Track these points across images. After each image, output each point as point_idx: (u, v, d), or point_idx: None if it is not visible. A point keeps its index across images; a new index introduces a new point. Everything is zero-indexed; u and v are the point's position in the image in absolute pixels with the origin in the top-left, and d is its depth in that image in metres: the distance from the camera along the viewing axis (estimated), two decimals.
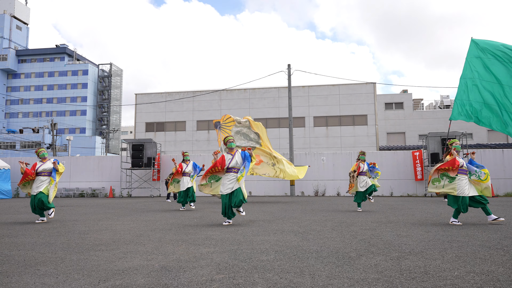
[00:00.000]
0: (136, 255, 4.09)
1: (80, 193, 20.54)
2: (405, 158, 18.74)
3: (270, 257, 3.89)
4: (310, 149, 29.92)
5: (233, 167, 6.87)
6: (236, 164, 6.89)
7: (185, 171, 10.54)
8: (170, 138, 32.10)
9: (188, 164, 10.62)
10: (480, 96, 8.99)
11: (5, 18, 61.44)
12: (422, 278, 3.04)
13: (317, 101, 30.83)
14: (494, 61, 8.90)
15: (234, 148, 7.03)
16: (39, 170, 7.75)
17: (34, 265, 3.65)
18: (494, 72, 8.82)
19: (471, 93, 9.09)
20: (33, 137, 52.31)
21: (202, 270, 3.37)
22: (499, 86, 8.70)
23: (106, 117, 63.37)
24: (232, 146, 7.01)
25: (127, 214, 9.33)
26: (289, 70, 20.67)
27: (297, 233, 5.61)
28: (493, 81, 8.81)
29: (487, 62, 8.99)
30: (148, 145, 20.02)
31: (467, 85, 9.15)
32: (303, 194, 19.39)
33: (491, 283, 2.88)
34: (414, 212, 9.13)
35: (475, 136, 35.31)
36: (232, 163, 6.86)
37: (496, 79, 8.78)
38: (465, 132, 18.48)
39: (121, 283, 2.99)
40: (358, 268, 3.40)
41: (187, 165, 10.60)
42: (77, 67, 62.38)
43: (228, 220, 6.90)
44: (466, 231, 5.63)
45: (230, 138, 7.12)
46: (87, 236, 5.50)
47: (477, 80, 9.03)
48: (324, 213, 9.08)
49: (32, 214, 9.07)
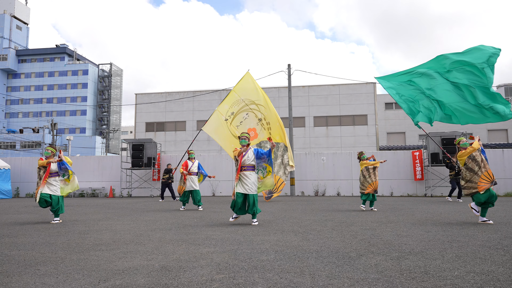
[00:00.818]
0: (136, 255, 4.09)
1: (80, 193, 20.54)
2: (405, 158, 18.73)
3: (270, 257, 3.89)
4: (310, 149, 29.93)
5: (244, 163, 6.72)
6: (247, 160, 6.74)
7: (191, 169, 10.43)
8: (170, 138, 32.09)
9: (193, 163, 10.52)
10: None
11: (5, 18, 61.46)
12: (422, 278, 3.04)
13: (317, 101, 30.83)
14: (401, 86, 10.30)
15: (245, 146, 6.86)
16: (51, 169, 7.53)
17: (34, 265, 3.65)
18: (407, 89, 10.20)
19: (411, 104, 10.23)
20: (33, 137, 52.32)
21: (202, 270, 3.37)
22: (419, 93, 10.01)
23: (106, 117, 63.39)
24: (244, 143, 6.85)
25: (127, 214, 9.33)
26: (289, 70, 20.66)
27: (297, 233, 5.61)
28: (410, 94, 10.11)
29: (398, 87, 10.35)
30: (148, 145, 20.02)
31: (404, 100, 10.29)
32: (303, 194, 19.39)
33: (491, 283, 2.88)
34: (414, 212, 9.13)
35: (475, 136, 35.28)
36: (243, 160, 6.75)
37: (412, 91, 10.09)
38: (465, 132, 18.48)
39: (121, 283, 2.99)
40: (358, 268, 3.40)
41: (193, 164, 10.50)
42: (77, 67, 62.41)
43: (235, 215, 6.91)
44: (466, 231, 5.63)
45: (244, 134, 6.96)
46: (87, 236, 5.50)
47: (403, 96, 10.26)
48: (324, 213, 9.08)
49: (32, 214, 9.07)
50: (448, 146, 16.95)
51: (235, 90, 12.05)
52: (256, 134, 11.70)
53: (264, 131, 11.60)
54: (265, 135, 11.56)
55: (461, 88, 9.40)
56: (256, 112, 11.69)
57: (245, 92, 11.89)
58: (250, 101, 11.80)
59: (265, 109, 11.60)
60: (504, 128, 34.27)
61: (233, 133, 11.58)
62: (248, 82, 12.01)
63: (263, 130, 11.63)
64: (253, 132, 11.67)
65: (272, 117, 11.52)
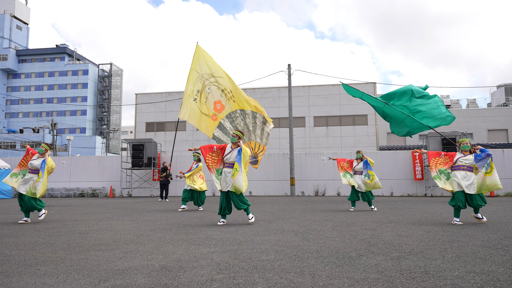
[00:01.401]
0: (136, 255, 4.09)
1: (80, 193, 20.54)
2: (405, 158, 18.74)
3: (270, 257, 3.89)
4: (310, 149, 29.92)
5: (227, 160, 6.80)
6: (230, 157, 6.80)
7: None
8: (171, 138, 32.08)
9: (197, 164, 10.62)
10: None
11: (5, 18, 61.48)
12: (422, 278, 3.04)
13: (317, 101, 30.83)
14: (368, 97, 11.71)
15: (236, 143, 6.90)
16: (30, 162, 7.49)
17: (34, 265, 3.65)
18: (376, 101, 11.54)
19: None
20: (33, 137, 52.34)
21: (202, 270, 3.37)
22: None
23: (106, 117, 63.39)
24: (233, 141, 6.90)
25: (128, 214, 9.33)
26: (289, 70, 20.66)
27: (297, 233, 5.61)
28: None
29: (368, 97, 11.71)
30: (148, 145, 20.02)
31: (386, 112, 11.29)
32: (303, 194, 19.39)
33: (491, 283, 2.88)
34: (414, 212, 9.13)
35: (475, 136, 35.29)
36: (227, 156, 6.81)
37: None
38: (465, 132, 18.47)
39: (122, 283, 2.99)
40: (358, 268, 3.40)
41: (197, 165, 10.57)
42: (77, 67, 62.42)
43: (223, 219, 6.89)
44: (466, 231, 5.63)
45: (235, 132, 6.99)
46: (88, 236, 5.50)
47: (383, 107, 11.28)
48: (324, 213, 9.08)
49: (32, 214, 9.04)
50: (448, 146, 16.96)
51: (193, 68, 11.74)
52: (222, 106, 11.46)
53: (229, 102, 11.40)
54: (232, 106, 11.35)
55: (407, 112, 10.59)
56: (217, 84, 11.49)
57: (202, 67, 11.66)
58: (208, 74, 11.56)
59: (224, 80, 11.41)
60: (504, 128, 34.26)
61: (203, 111, 11.43)
62: (201, 56, 11.75)
63: (228, 101, 11.41)
64: (219, 105, 11.44)
65: (233, 85, 11.36)
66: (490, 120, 34.32)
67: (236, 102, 11.28)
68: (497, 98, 41.14)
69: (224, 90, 11.42)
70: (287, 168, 19.66)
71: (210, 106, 11.39)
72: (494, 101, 41.65)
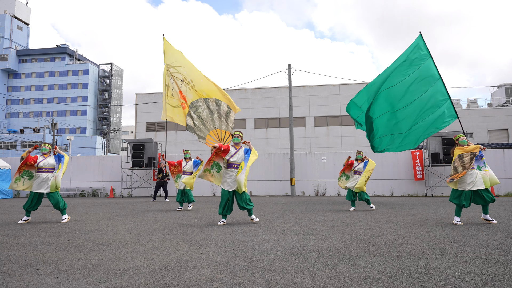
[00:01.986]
0: (136, 255, 4.09)
1: (81, 193, 20.55)
2: (406, 158, 18.72)
3: (271, 257, 3.89)
4: (311, 149, 29.92)
5: (234, 162, 6.85)
6: (238, 159, 6.88)
7: (184, 169, 10.41)
8: (171, 138, 32.09)
9: (188, 162, 10.47)
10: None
11: (5, 18, 61.50)
12: (422, 278, 3.04)
13: (318, 101, 30.83)
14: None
15: (239, 143, 7.02)
16: (40, 165, 7.36)
17: (35, 265, 3.65)
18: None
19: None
20: (33, 137, 52.36)
21: (203, 270, 3.37)
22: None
23: (107, 117, 63.41)
24: (236, 141, 6.99)
25: (128, 214, 9.33)
26: (290, 70, 20.66)
27: (298, 233, 5.61)
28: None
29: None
30: (149, 145, 20.02)
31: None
32: (304, 194, 19.39)
33: (491, 283, 2.88)
34: (414, 212, 9.12)
35: (475, 136, 35.28)
36: (234, 158, 6.86)
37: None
38: (465, 132, 18.45)
39: (122, 283, 2.99)
40: (358, 268, 3.40)
41: (187, 163, 10.46)
42: (78, 67, 62.42)
43: (223, 219, 6.91)
44: (466, 231, 5.63)
45: (237, 132, 7.10)
46: (88, 236, 5.50)
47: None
48: (325, 213, 9.08)
49: (33, 214, 9.04)
50: (448, 146, 16.94)
51: (164, 62, 11.69)
52: (184, 97, 11.37)
53: (190, 91, 11.26)
54: (193, 96, 11.21)
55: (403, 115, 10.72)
56: (176, 75, 11.38)
57: (167, 60, 11.59)
58: (168, 66, 11.46)
59: (184, 69, 11.28)
60: (504, 128, 34.24)
61: (172, 104, 11.39)
62: (168, 49, 11.63)
63: (189, 90, 11.27)
64: (184, 94, 11.38)
65: (194, 74, 11.19)
66: (490, 120, 34.29)
67: (197, 91, 11.13)
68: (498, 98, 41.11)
69: (184, 79, 11.28)
70: (288, 168, 19.66)
71: (176, 96, 11.34)
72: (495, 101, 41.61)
